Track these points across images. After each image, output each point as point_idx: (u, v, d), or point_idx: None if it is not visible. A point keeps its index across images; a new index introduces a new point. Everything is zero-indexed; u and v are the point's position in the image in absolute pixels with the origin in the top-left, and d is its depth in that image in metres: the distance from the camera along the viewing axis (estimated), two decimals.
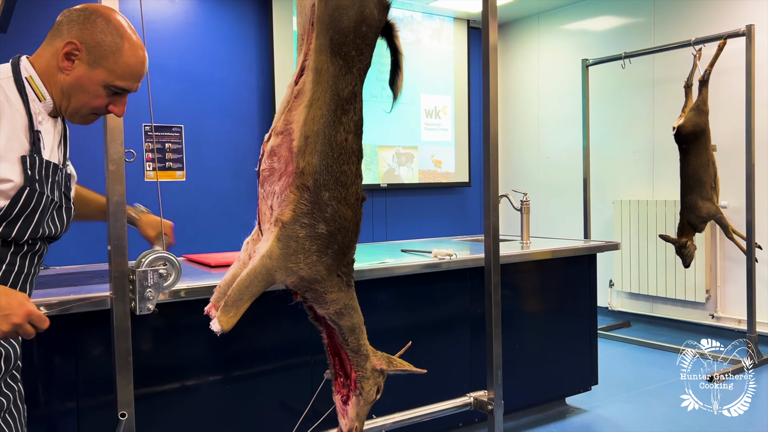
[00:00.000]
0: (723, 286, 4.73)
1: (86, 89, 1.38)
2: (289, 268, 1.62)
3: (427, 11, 5.90)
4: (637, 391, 3.65)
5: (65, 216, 1.45)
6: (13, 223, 1.31)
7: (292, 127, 1.64)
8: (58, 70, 1.37)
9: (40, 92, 1.37)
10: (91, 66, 1.37)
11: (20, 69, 1.36)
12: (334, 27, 1.63)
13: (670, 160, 4.51)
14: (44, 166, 1.34)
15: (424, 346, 2.74)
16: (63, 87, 1.38)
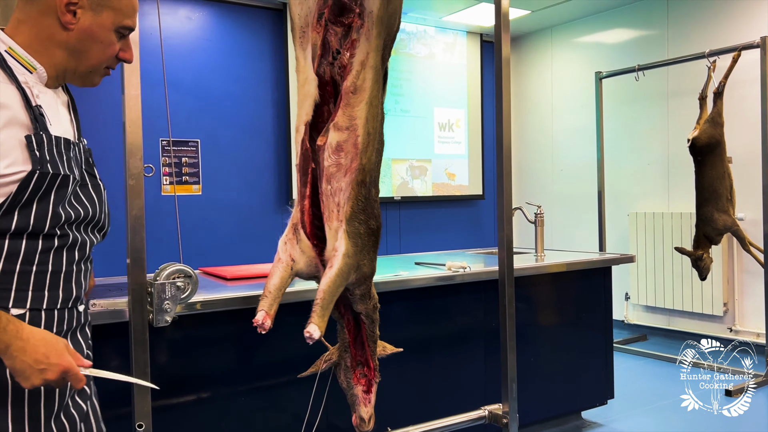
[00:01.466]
0: (741, 299, 4.68)
1: (98, 38, 1.24)
2: (359, 266, 1.67)
3: (440, 25, 5.94)
4: (654, 405, 3.61)
5: (94, 194, 1.30)
6: (26, 210, 1.14)
7: (357, 123, 1.67)
8: (58, 28, 1.20)
9: (27, 63, 1.19)
10: (96, 11, 1.22)
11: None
12: (387, 30, 1.70)
13: (686, 173, 4.49)
14: (54, 142, 1.18)
15: (438, 359, 2.73)
16: (69, 45, 1.22)
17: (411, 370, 2.65)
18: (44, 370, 1.09)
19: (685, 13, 4.99)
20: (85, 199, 1.26)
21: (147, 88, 2.00)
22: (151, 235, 1.74)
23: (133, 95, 1.66)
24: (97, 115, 4.51)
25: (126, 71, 1.65)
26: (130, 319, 1.68)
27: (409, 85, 5.79)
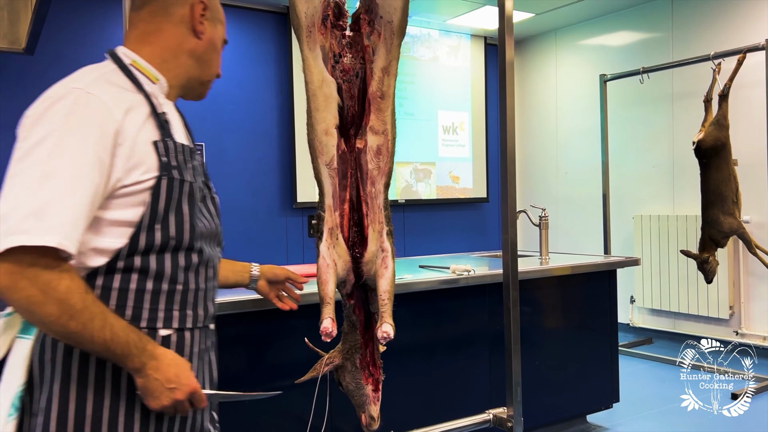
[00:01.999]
0: (747, 303, 4.66)
1: (217, 49, 1.33)
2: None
3: (444, 29, 5.94)
4: (660, 409, 3.59)
5: (213, 207, 1.31)
6: (165, 223, 1.15)
7: (387, 128, 1.75)
8: (189, 37, 1.26)
9: (150, 74, 1.23)
10: (213, 23, 1.31)
11: (120, 57, 1.22)
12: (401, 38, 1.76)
13: (691, 175, 4.48)
14: (179, 150, 1.20)
15: (442, 362, 2.73)
16: (196, 54, 1.28)
17: (415, 373, 2.65)
18: (174, 389, 1.12)
19: (689, 15, 4.98)
20: (208, 212, 1.28)
21: None
22: None
23: None
24: None
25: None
26: None
27: (413, 88, 5.80)
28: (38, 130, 1.08)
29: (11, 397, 1.13)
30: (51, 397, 1.11)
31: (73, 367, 1.12)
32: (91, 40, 4.51)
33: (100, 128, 1.09)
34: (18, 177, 1.04)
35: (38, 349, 1.14)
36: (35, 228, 1.01)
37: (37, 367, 1.14)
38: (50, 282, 1.02)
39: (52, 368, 1.12)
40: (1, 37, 2.75)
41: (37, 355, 1.14)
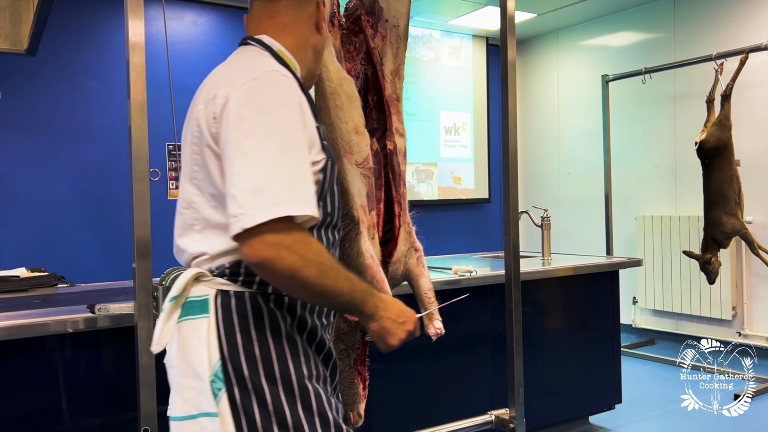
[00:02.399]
0: (750, 303, 4.64)
1: (325, 45, 1.47)
2: None
3: (446, 29, 5.94)
4: (663, 410, 3.59)
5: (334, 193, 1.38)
6: (325, 201, 1.27)
7: (403, 129, 1.82)
8: (314, 32, 1.37)
9: (292, 63, 1.31)
10: (323, 19, 1.43)
11: (267, 44, 1.30)
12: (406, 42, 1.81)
13: (693, 176, 4.47)
14: (324, 135, 1.31)
15: (444, 363, 2.72)
16: (317, 48, 1.39)
17: (417, 374, 2.64)
18: (405, 322, 1.28)
19: (692, 15, 4.97)
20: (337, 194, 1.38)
21: (153, 93, 2.01)
22: (157, 240, 1.74)
23: (139, 100, 1.66)
24: (104, 119, 4.53)
25: (132, 76, 1.65)
26: (136, 323, 1.68)
27: (415, 88, 5.79)
28: (256, 108, 1.15)
29: (208, 375, 1.17)
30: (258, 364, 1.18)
31: (258, 331, 1.20)
32: (93, 41, 4.51)
33: (301, 106, 1.20)
34: (255, 153, 1.11)
35: (223, 324, 1.19)
36: (293, 200, 1.09)
37: (225, 341, 1.18)
38: (307, 246, 1.12)
39: (243, 338, 1.18)
40: (3, 38, 2.75)
41: (223, 330, 1.18)
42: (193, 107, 1.31)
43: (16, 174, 4.28)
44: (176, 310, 1.23)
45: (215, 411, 1.16)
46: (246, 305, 1.20)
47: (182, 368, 1.20)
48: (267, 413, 1.17)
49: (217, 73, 1.30)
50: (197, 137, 1.24)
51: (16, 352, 1.82)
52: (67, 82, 4.44)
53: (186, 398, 1.20)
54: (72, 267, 3.92)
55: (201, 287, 1.22)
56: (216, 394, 1.16)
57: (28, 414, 1.84)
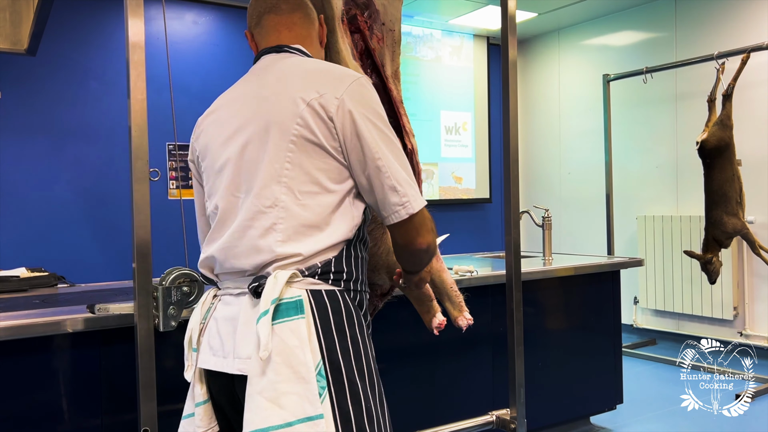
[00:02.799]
0: (751, 303, 4.64)
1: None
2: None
3: (447, 29, 5.93)
4: (664, 410, 3.58)
5: None
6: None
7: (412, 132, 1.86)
8: (319, 46, 1.52)
9: None
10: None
11: (308, 54, 1.45)
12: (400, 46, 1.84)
13: (694, 175, 4.46)
14: None
15: (445, 363, 2.72)
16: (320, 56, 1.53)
17: (418, 374, 2.64)
18: (429, 273, 1.59)
19: (693, 15, 4.97)
20: None
21: (153, 93, 2.00)
22: (157, 240, 1.74)
23: (139, 99, 1.65)
24: (104, 119, 4.53)
25: (132, 75, 1.65)
26: (136, 323, 1.67)
27: (416, 88, 5.79)
28: (375, 110, 1.31)
29: (314, 376, 1.18)
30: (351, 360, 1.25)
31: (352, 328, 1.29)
32: (93, 41, 4.51)
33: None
34: (394, 152, 1.30)
35: (320, 324, 1.24)
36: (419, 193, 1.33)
37: (323, 340, 1.23)
38: (433, 223, 1.37)
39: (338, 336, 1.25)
40: (3, 38, 2.75)
41: (321, 329, 1.23)
42: (277, 103, 1.30)
43: (16, 174, 4.27)
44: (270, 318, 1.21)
45: (319, 413, 1.16)
46: (339, 303, 1.27)
47: (279, 372, 1.17)
48: (360, 409, 1.22)
49: (299, 74, 1.33)
50: (294, 136, 1.26)
51: (16, 352, 1.81)
52: (68, 82, 4.43)
53: (283, 405, 1.16)
54: (72, 267, 3.91)
55: (292, 289, 1.23)
56: (320, 395, 1.17)
57: (28, 414, 1.83)
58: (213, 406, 1.38)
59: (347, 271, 1.29)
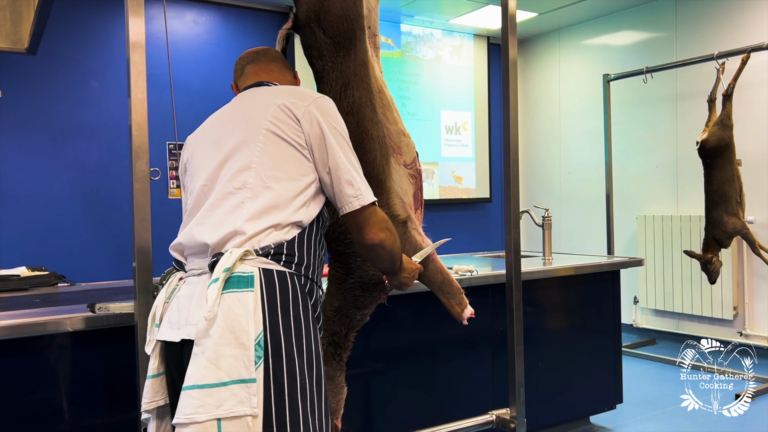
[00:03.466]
0: (751, 303, 4.64)
1: None
2: None
3: (447, 28, 5.93)
4: (664, 410, 3.58)
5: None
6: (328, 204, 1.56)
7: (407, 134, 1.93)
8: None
9: None
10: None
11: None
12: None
13: (695, 175, 4.46)
14: None
15: (445, 363, 2.72)
16: None
17: (418, 374, 2.64)
18: (413, 276, 1.72)
19: (693, 15, 4.97)
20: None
21: (154, 92, 2.00)
22: (158, 239, 1.74)
23: (140, 98, 1.66)
24: (104, 118, 4.53)
25: (132, 75, 1.65)
26: (136, 322, 1.67)
27: (416, 88, 5.79)
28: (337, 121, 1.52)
29: (253, 344, 1.29)
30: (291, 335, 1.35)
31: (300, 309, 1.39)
32: (93, 40, 4.51)
33: None
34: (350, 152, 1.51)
35: (267, 299, 1.34)
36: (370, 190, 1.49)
37: (268, 315, 1.33)
38: (392, 225, 1.55)
39: (282, 314, 1.35)
40: (4, 37, 2.75)
41: (267, 304, 1.34)
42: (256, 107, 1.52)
43: (17, 173, 4.28)
44: (221, 282, 1.32)
45: (253, 377, 1.27)
46: (287, 284, 1.37)
47: (222, 336, 1.28)
48: (294, 383, 1.32)
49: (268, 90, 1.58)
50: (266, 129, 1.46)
51: (17, 351, 1.81)
52: (68, 81, 4.44)
53: (221, 366, 1.27)
54: (72, 266, 3.92)
55: (245, 265, 1.35)
56: (255, 362, 1.28)
57: (28, 413, 1.83)
58: (167, 379, 1.48)
59: (299, 256, 1.41)
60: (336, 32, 1.64)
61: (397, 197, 1.73)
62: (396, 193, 1.73)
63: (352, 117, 1.67)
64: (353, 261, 1.75)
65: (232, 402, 1.25)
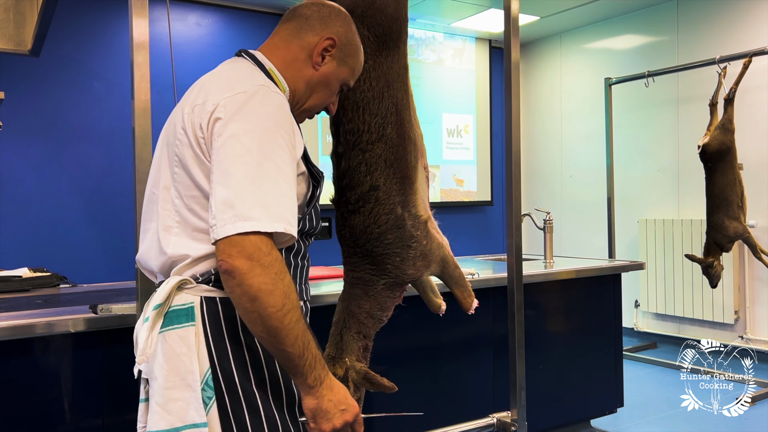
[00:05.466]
0: (752, 307, 4.63)
1: (330, 86, 1.37)
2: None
3: (449, 31, 5.94)
4: (665, 413, 3.58)
5: (317, 209, 1.40)
6: (303, 217, 1.29)
7: None
8: (307, 65, 1.33)
9: (281, 85, 1.30)
10: (339, 64, 1.36)
11: (261, 62, 1.31)
12: None
13: (696, 179, 4.46)
14: (308, 154, 1.31)
15: (446, 366, 2.72)
16: (310, 82, 1.34)
17: (419, 376, 2.64)
18: (345, 411, 1.15)
19: (695, 18, 4.97)
20: (315, 214, 1.39)
21: (157, 94, 2.01)
22: None
23: (143, 100, 1.66)
24: (107, 120, 4.54)
25: (136, 76, 1.65)
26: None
27: (418, 91, 5.80)
28: (242, 122, 1.14)
29: (199, 384, 1.15)
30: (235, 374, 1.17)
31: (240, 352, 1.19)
32: (97, 42, 4.52)
33: (289, 124, 1.19)
34: (234, 167, 1.10)
35: (211, 332, 1.18)
36: (263, 216, 1.07)
37: (214, 349, 1.17)
38: (281, 272, 1.08)
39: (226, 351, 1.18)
40: (7, 39, 2.76)
41: (212, 337, 1.17)
42: (178, 110, 1.28)
43: (19, 174, 4.28)
44: (158, 320, 1.20)
45: (204, 421, 1.14)
46: (234, 312, 1.18)
47: (168, 379, 1.16)
48: (259, 419, 1.16)
49: (206, 79, 1.29)
50: (179, 139, 1.23)
51: (18, 352, 1.82)
52: (71, 83, 4.45)
53: (170, 410, 1.16)
54: (74, 267, 3.92)
55: (184, 295, 1.20)
56: (206, 403, 1.14)
57: (29, 414, 1.84)
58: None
59: None
60: (384, 31, 1.63)
61: (421, 198, 1.75)
62: (420, 194, 1.74)
63: (394, 117, 1.66)
64: (391, 261, 1.70)
65: None
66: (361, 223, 1.63)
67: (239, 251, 1.06)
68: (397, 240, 1.67)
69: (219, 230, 1.08)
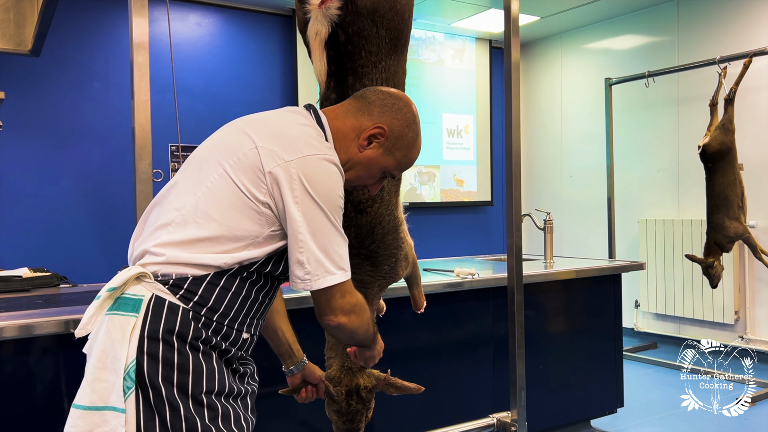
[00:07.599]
0: (752, 308, 4.63)
1: (370, 170, 1.42)
2: None
3: (449, 32, 5.94)
4: (664, 413, 3.58)
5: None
6: (279, 261, 1.34)
7: None
8: (353, 143, 1.40)
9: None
10: (385, 153, 1.42)
11: (323, 124, 1.38)
12: None
13: (696, 179, 4.46)
14: None
15: (446, 366, 2.72)
16: (351, 160, 1.40)
17: (419, 376, 2.63)
18: (380, 353, 1.70)
19: (695, 19, 4.97)
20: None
21: (157, 94, 2.01)
22: None
23: (143, 100, 1.66)
24: (107, 120, 4.54)
25: (136, 76, 1.65)
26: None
27: (418, 91, 5.80)
28: (315, 185, 1.26)
29: (122, 373, 1.20)
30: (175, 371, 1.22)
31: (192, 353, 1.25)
32: (97, 42, 4.52)
33: (342, 193, 1.33)
34: (321, 230, 1.27)
35: (148, 329, 1.21)
36: (347, 267, 1.31)
37: (146, 345, 1.21)
38: (364, 309, 1.43)
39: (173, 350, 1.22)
40: (8, 38, 2.76)
41: (147, 334, 1.21)
42: (241, 131, 1.34)
43: (20, 174, 4.28)
44: (108, 302, 1.25)
45: (123, 407, 1.19)
46: (177, 318, 1.23)
47: (100, 359, 1.22)
48: (179, 417, 1.21)
49: (275, 121, 1.36)
50: (232, 165, 1.28)
51: (19, 352, 1.82)
52: (71, 82, 4.45)
53: (95, 389, 1.21)
54: (74, 267, 3.92)
55: (139, 287, 1.24)
56: (125, 392, 1.19)
57: (29, 414, 1.84)
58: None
59: (201, 296, 1.25)
60: (397, 34, 1.63)
61: (400, 200, 1.77)
62: (400, 196, 1.76)
63: None
64: (388, 263, 1.73)
65: (103, 429, 1.18)
66: (368, 223, 1.64)
67: (340, 307, 1.32)
68: (394, 242, 1.72)
69: (314, 282, 1.27)
